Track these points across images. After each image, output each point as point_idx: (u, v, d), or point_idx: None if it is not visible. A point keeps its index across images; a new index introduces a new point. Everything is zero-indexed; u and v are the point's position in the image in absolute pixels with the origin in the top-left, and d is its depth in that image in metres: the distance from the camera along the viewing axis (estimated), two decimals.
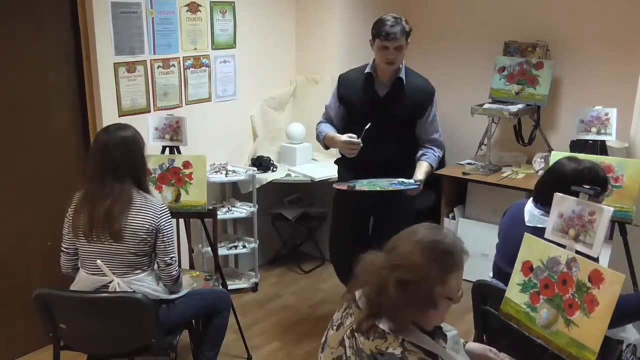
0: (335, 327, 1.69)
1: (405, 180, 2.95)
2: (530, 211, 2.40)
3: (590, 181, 2.21)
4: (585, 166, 2.32)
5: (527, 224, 2.35)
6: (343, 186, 2.96)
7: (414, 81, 3.09)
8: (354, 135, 2.94)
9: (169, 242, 2.53)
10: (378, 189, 2.87)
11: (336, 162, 3.32)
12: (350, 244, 3.24)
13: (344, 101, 3.15)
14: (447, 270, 1.56)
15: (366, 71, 3.08)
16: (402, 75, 3.04)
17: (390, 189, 2.88)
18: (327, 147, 3.24)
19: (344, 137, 2.97)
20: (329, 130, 3.15)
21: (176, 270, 2.59)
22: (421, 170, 3.04)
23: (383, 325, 1.55)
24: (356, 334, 1.60)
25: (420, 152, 3.14)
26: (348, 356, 1.61)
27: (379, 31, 2.93)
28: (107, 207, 2.41)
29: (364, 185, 2.91)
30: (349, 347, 1.60)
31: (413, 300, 1.53)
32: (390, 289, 1.52)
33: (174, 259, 2.56)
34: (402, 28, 2.92)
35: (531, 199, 2.46)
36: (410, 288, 1.51)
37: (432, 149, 3.14)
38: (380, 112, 3.02)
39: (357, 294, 1.67)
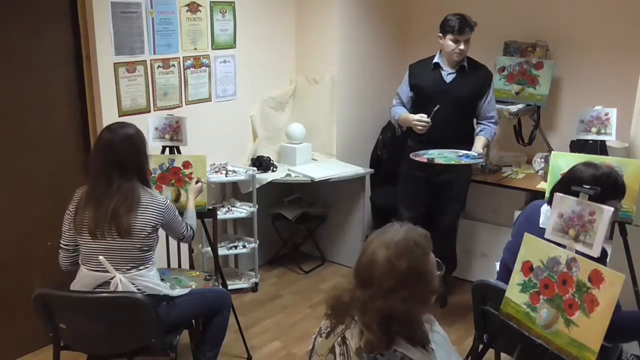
0: (324, 335, 1.68)
1: (469, 153, 3.47)
2: (546, 214, 2.39)
3: (609, 187, 2.21)
4: (604, 172, 2.30)
5: (540, 225, 2.35)
6: (422, 159, 3.40)
7: (474, 68, 3.60)
8: (424, 115, 3.47)
9: (177, 225, 2.71)
10: (453, 162, 3.38)
11: (407, 135, 3.80)
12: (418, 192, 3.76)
13: (415, 87, 3.66)
14: (426, 254, 1.60)
15: (434, 61, 3.60)
16: (465, 63, 3.56)
17: (462, 162, 3.40)
18: (400, 127, 3.85)
19: (416, 116, 3.50)
20: (402, 112, 3.67)
21: (190, 236, 2.83)
22: (480, 143, 3.54)
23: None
24: (347, 341, 1.59)
25: (478, 128, 3.64)
26: None
27: (450, 28, 3.43)
28: (114, 205, 2.43)
29: (439, 158, 3.40)
30: (340, 354, 1.61)
31: (423, 298, 1.58)
32: (399, 307, 1.53)
33: (184, 231, 2.77)
34: (469, 24, 3.43)
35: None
36: (415, 293, 1.55)
37: (488, 125, 3.63)
38: (446, 95, 3.51)
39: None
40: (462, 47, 3.45)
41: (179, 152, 3.25)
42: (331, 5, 4.30)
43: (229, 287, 3.51)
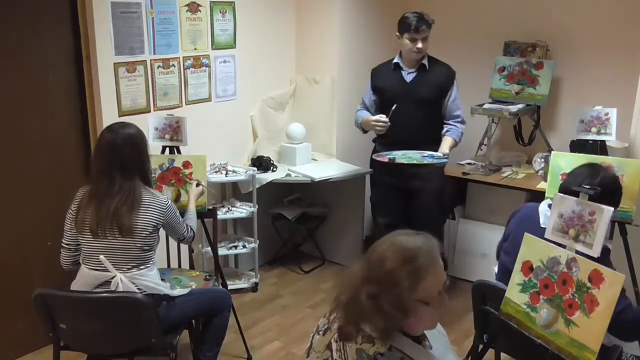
0: (322, 332, 1.70)
1: (434, 154, 3.42)
2: (546, 213, 2.39)
3: (609, 193, 2.21)
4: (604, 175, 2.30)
5: (542, 225, 2.35)
6: (384, 158, 3.39)
7: (436, 67, 3.57)
8: (383, 115, 3.46)
9: (177, 226, 2.70)
10: (415, 162, 3.35)
11: (374, 140, 3.76)
12: (390, 207, 3.69)
13: (377, 90, 3.66)
14: (415, 276, 1.52)
15: (394, 61, 3.60)
16: (425, 62, 3.54)
17: (424, 162, 3.36)
18: (364, 131, 3.75)
19: (375, 117, 3.50)
20: (365, 115, 3.66)
21: (190, 237, 2.83)
22: (446, 145, 3.51)
23: (369, 330, 1.55)
24: None
25: (445, 129, 3.60)
26: (335, 359, 1.61)
27: (407, 26, 3.41)
28: (115, 204, 2.44)
29: (401, 158, 3.37)
30: (336, 350, 1.61)
31: (383, 310, 1.51)
32: (362, 299, 1.53)
33: (185, 232, 2.77)
34: (427, 22, 3.43)
35: (544, 202, 2.48)
36: (379, 299, 1.51)
37: (455, 125, 3.59)
38: (407, 95, 3.49)
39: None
40: (419, 45, 3.43)
41: (179, 152, 3.25)
42: (331, 5, 4.30)
43: (229, 287, 3.51)
